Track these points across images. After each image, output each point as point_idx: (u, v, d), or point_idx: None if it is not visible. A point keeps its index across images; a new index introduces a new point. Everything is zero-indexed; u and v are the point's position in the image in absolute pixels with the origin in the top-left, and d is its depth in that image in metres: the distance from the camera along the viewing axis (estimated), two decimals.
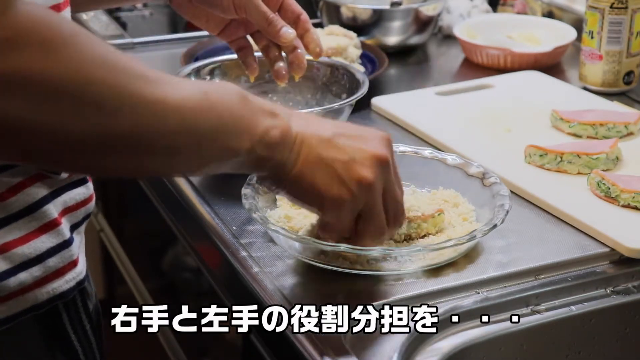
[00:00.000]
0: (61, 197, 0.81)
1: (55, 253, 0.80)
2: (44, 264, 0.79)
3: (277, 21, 1.02)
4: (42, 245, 0.79)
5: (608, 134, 1.16)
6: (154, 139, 0.69)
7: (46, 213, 0.79)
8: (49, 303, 0.80)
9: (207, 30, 1.08)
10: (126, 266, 1.63)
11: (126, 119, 0.66)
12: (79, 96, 0.64)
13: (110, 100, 0.65)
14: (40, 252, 0.79)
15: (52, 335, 0.83)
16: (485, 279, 0.87)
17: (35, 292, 0.79)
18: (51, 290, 0.80)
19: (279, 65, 1.06)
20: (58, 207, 0.81)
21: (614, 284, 0.90)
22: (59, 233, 0.80)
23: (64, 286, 0.81)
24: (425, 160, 1.01)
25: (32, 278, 0.78)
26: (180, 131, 0.70)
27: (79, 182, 0.84)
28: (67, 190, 0.82)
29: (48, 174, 0.80)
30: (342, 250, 0.84)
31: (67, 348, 0.85)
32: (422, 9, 1.53)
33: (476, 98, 1.31)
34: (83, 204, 0.84)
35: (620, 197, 0.99)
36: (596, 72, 1.35)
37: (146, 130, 0.68)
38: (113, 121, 0.66)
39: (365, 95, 1.14)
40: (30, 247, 0.78)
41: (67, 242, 0.81)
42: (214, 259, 0.97)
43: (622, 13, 1.31)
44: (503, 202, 0.91)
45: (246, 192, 0.91)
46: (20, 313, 0.79)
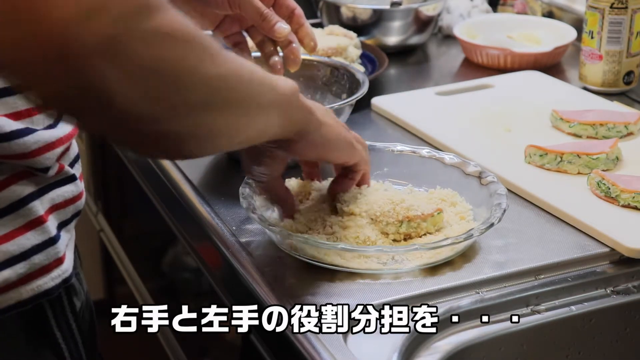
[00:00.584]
0: (48, 195, 0.81)
1: (40, 250, 0.80)
2: (28, 261, 0.79)
3: (272, 16, 1.03)
4: (27, 242, 0.79)
5: (608, 134, 1.16)
6: (221, 89, 0.70)
7: (32, 210, 0.79)
8: (33, 300, 0.80)
9: (202, 26, 1.08)
10: (126, 266, 1.62)
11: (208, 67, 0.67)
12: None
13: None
14: (24, 249, 0.79)
15: (37, 332, 0.83)
16: (485, 279, 0.87)
17: (19, 289, 0.79)
18: (36, 287, 0.80)
19: (274, 60, 1.07)
20: (45, 204, 0.81)
21: (614, 284, 0.90)
22: (44, 230, 0.80)
23: (49, 283, 0.81)
24: (423, 160, 1.01)
25: (17, 275, 0.78)
26: (239, 85, 0.72)
27: (67, 179, 0.84)
28: (54, 188, 0.82)
29: (34, 172, 0.80)
30: (340, 248, 0.84)
31: (51, 345, 0.84)
32: (422, 9, 1.53)
33: (476, 98, 1.31)
34: (72, 202, 0.84)
35: (620, 197, 0.99)
36: (596, 72, 1.35)
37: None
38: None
39: (365, 95, 1.14)
40: (14, 244, 0.78)
41: (53, 239, 0.81)
42: (214, 258, 0.97)
43: (622, 13, 1.31)
44: (500, 201, 0.91)
45: (244, 191, 0.92)
46: (4, 310, 0.78)
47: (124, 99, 0.61)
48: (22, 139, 0.77)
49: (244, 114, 0.73)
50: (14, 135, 0.77)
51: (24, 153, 0.78)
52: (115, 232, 1.71)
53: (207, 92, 0.67)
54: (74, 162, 0.86)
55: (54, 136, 0.80)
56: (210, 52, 0.66)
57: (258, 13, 1.02)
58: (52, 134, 0.80)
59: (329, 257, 0.87)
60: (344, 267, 0.87)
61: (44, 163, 0.80)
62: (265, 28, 1.03)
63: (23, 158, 0.78)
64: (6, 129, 0.76)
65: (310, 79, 1.21)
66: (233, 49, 1.10)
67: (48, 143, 0.80)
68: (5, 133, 0.76)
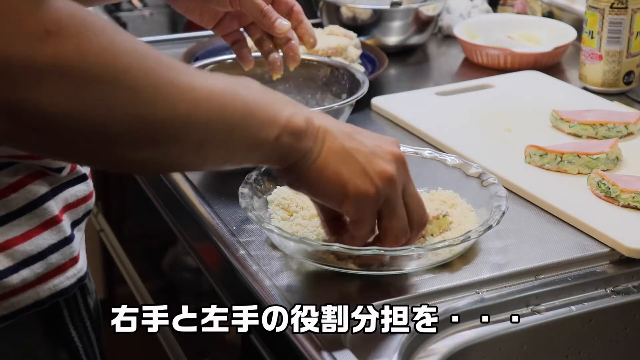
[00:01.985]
0: (62, 194, 0.82)
1: (56, 250, 0.80)
2: (45, 260, 0.79)
3: (272, 12, 1.03)
4: (44, 242, 0.79)
5: (608, 134, 1.16)
6: (188, 128, 0.69)
7: (47, 210, 0.79)
8: (50, 299, 0.81)
9: (202, 24, 1.08)
10: (126, 266, 1.63)
11: (161, 107, 0.67)
12: (116, 84, 0.64)
13: (147, 88, 0.66)
14: (41, 249, 0.79)
15: (53, 331, 0.84)
16: (485, 279, 0.87)
17: (37, 288, 0.79)
18: (52, 286, 0.80)
19: (273, 57, 1.06)
20: (59, 204, 0.81)
21: (614, 284, 0.90)
22: (60, 230, 0.80)
23: (65, 282, 0.81)
24: (424, 161, 1.01)
25: (34, 275, 0.78)
26: (211, 120, 0.70)
27: (79, 178, 0.84)
28: (67, 187, 0.83)
29: (48, 172, 0.80)
30: (336, 250, 0.84)
31: (67, 344, 0.85)
32: (422, 9, 1.53)
33: (476, 98, 1.31)
34: (84, 201, 0.85)
35: (620, 197, 0.99)
36: (596, 72, 1.35)
37: (180, 119, 0.68)
38: (150, 110, 0.66)
39: (365, 95, 1.14)
40: (31, 244, 0.78)
41: (68, 238, 0.81)
42: (214, 258, 0.97)
43: (622, 13, 1.31)
44: (500, 203, 0.91)
45: (243, 191, 0.92)
46: (22, 309, 0.79)
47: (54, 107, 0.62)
48: None
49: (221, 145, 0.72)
50: None
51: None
52: (115, 232, 1.71)
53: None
54: None
55: None
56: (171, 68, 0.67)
57: (258, 9, 1.02)
58: None
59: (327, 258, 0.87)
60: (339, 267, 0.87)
61: (58, 163, 0.81)
62: (266, 24, 1.03)
63: (39, 157, 0.79)
64: None
65: (310, 79, 1.21)
66: (232, 47, 1.10)
67: None
68: None
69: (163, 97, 0.67)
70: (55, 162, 0.81)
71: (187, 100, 0.68)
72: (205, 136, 0.70)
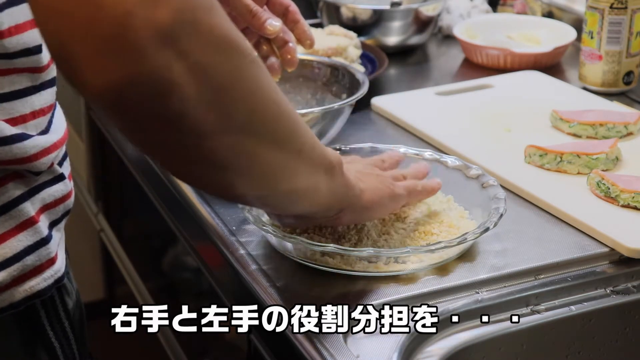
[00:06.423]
0: (39, 195, 0.81)
1: (32, 251, 0.80)
2: (21, 262, 0.79)
3: (261, 13, 1.01)
4: (19, 244, 0.79)
5: (608, 134, 1.16)
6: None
7: (23, 211, 0.79)
8: (25, 302, 0.80)
9: None
10: (126, 266, 1.62)
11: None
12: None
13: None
14: (17, 251, 0.78)
15: (30, 332, 0.83)
16: (485, 279, 0.87)
17: (12, 290, 0.79)
18: (28, 288, 0.80)
19: (271, 61, 1.05)
20: (36, 205, 0.81)
21: (614, 284, 0.90)
22: (36, 231, 0.80)
23: (41, 284, 0.81)
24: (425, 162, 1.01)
25: (10, 277, 0.78)
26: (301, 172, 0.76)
27: (56, 178, 0.83)
28: (45, 188, 0.82)
29: (25, 173, 0.79)
30: (331, 250, 0.84)
31: (45, 345, 0.84)
32: (422, 9, 1.53)
33: (476, 98, 1.31)
34: (62, 201, 0.84)
35: (620, 197, 0.99)
36: (596, 72, 1.35)
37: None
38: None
39: (365, 95, 1.14)
40: (6, 246, 0.78)
41: (45, 239, 0.81)
42: (214, 258, 0.97)
43: (622, 13, 1.31)
44: (498, 205, 0.92)
45: None
46: None
47: (181, 96, 0.59)
48: (22, 143, 0.77)
49: (292, 156, 0.73)
50: (14, 139, 0.77)
51: (24, 157, 0.78)
52: (115, 232, 1.71)
53: (250, 111, 0.66)
54: (62, 160, 0.85)
55: (49, 141, 0.80)
56: (262, 68, 0.66)
57: (247, 10, 1.01)
58: (47, 139, 0.80)
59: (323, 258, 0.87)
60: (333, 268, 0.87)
61: (40, 167, 0.80)
62: (256, 25, 1.01)
63: (22, 162, 0.78)
64: (6, 133, 0.76)
65: (310, 79, 1.21)
66: None
67: (44, 148, 0.79)
68: (5, 137, 0.76)
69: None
70: (38, 167, 0.80)
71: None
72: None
